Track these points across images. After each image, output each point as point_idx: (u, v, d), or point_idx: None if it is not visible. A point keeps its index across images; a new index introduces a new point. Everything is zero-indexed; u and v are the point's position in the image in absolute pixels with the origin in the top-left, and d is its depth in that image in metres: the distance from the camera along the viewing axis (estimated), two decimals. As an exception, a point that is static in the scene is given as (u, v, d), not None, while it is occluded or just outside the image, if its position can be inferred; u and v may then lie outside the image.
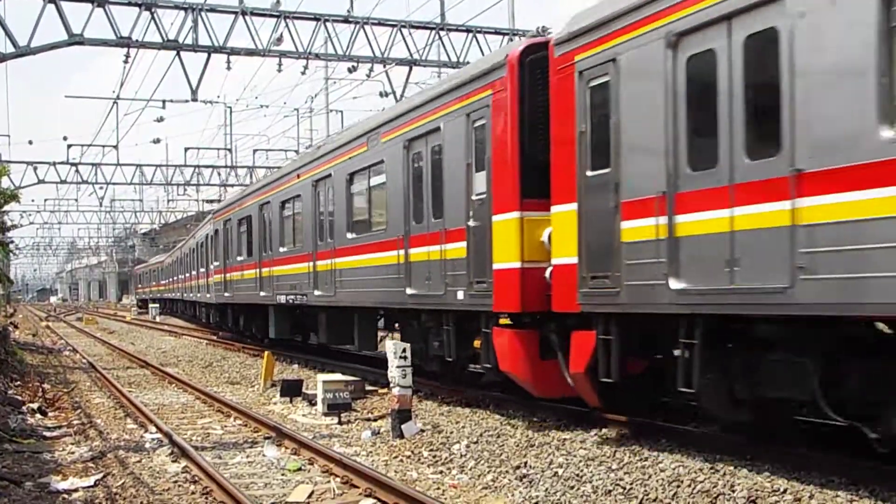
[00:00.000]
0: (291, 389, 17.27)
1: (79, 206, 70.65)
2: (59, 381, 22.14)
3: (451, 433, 12.21)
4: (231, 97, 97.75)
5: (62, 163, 45.80)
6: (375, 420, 14.32)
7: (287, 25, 24.60)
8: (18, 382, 20.56)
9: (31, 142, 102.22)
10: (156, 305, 63.71)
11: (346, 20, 25.36)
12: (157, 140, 48.62)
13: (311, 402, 16.29)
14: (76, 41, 22.16)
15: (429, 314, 15.27)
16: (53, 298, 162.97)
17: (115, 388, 19.65)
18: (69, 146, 45.24)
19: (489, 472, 10.25)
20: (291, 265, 22.06)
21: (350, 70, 26.83)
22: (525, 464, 10.25)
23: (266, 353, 20.35)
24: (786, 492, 8.17)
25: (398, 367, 12.73)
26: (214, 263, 32.81)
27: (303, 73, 27.12)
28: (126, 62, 24.33)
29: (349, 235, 18.25)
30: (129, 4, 22.87)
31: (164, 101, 36.66)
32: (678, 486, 8.72)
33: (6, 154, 47.58)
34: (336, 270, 18.81)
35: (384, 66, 26.75)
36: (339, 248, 18.69)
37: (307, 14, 25.04)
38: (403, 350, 12.85)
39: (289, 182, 22.84)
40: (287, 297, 22.41)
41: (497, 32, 26.88)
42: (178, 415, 16.15)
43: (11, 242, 41.35)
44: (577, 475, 9.55)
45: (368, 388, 17.22)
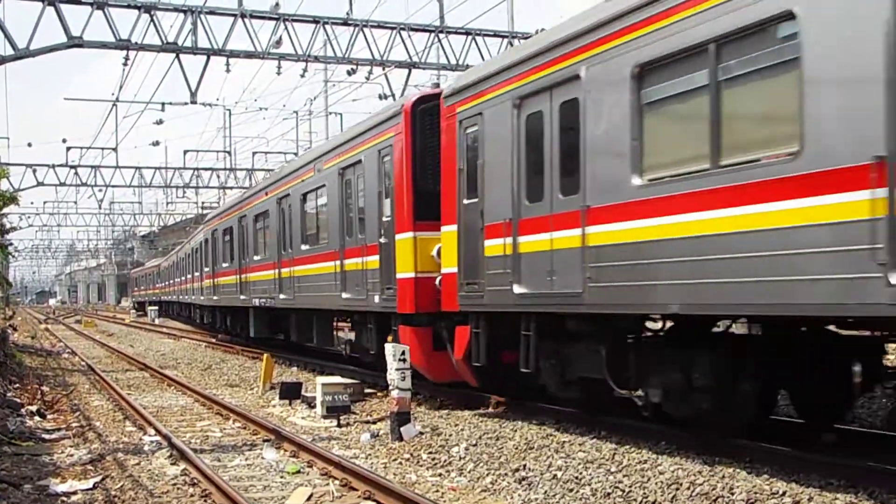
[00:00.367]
0: (290, 392, 17.27)
1: (78, 209, 70.65)
2: (58, 384, 22.14)
3: (450, 436, 12.21)
4: (230, 100, 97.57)
5: (61, 165, 45.84)
6: (374, 423, 14.32)
7: (286, 28, 24.61)
8: (17, 385, 20.56)
9: (31, 144, 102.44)
10: (154, 308, 63.72)
11: (346, 22, 25.36)
12: (157, 142, 48.97)
13: (311, 405, 16.29)
14: (75, 43, 22.16)
15: (358, 315, 18.24)
16: (52, 301, 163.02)
17: (114, 391, 19.65)
18: (68, 148, 45.31)
19: (488, 475, 10.25)
20: (263, 272, 24.83)
21: (349, 72, 26.84)
22: (524, 466, 10.25)
23: (265, 356, 20.36)
24: (785, 494, 8.18)
25: (397, 370, 12.74)
26: (205, 269, 35.37)
27: (302, 76, 27.23)
28: (125, 64, 24.33)
29: (303, 247, 21.02)
30: (129, 7, 22.89)
31: (164, 104, 36.71)
32: (677, 489, 8.72)
33: (5, 156, 47.56)
34: (294, 277, 21.64)
35: (383, 69, 26.76)
36: (296, 258, 21.49)
37: (306, 16, 25.04)
38: (402, 353, 12.86)
39: (259, 198, 25.88)
40: (260, 300, 25.30)
41: (496, 35, 26.83)
42: (177, 417, 16.15)
43: (10, 245, 41.41)
44: (577, 478, 9.56)
45: (367, 391, 17.23)
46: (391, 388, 12.85)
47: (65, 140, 45.52)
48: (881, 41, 7.21)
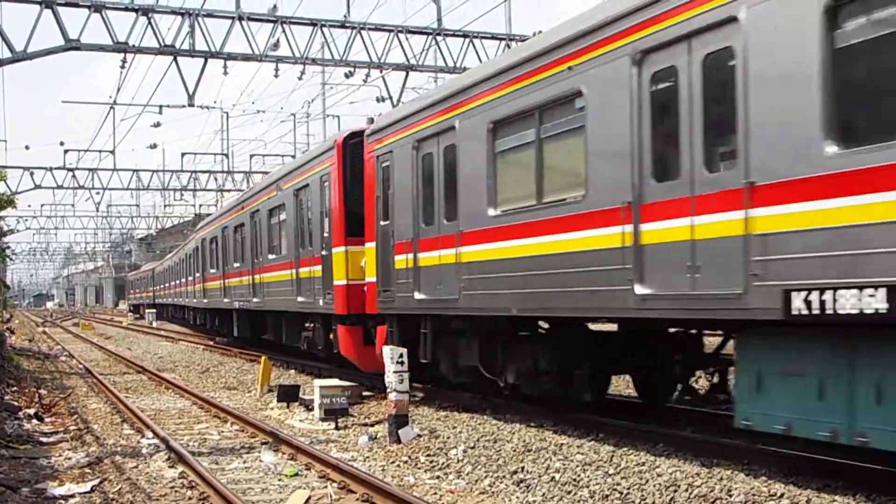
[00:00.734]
0: (288, 395, 17.26)
1: (75, 212, 70.76)
2: (56, 387, 22.11)
3: (449, 438, 12.21)
4: (228, 102, 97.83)
5: (59, 168, 45.82)
6: (372, 425, 14.32)
7: (284, 30, 24.60)
8: (15, 388, 20.53)
9: (28, 147, 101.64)
10: (152, 311, 63.71)
11: (343, 25, 25.35)
12: (154, 145, 48.75)
13: (308, 408, 16.29)
14: (73, 46, 22.16)
15: (309, 316, 20.91)
16: (50, 304, 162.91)
17: (112, 394, 19.63)
18: (66, 151, 45.31)
19: (486, 477, 10.25)
20: (241, 277, 27.62)
21: (347, 75, 26.82)
22: (522, 469, 10.25)
23: (263, 359, 20.36)
24: (783, 496, 8.18)
25: (395, 373, 12.74)
26: (197, 274, 38.27)
27: (299, 79, 27.24)
28: (123, 67, 24.32)
29: (270, 256, 24.00)
30: (126, 10, 22.88)
31: (161, 107, 36.85)
32: (675, 491, 8.72)
33: (2, 159, 47.84)
34: (263, 283, 24.69)
35: (381, 72, 26.79)
36: (265, 266, 24.55)
37: (304, 19, 25.04)
38: (400, 355, 12.86)
39: (237, 212, 28.91)
40: (240, 303, 28.09)
41: (494, 37, 26.84)
42: (175, 420, 16.14)
43: (8, 248, 41.38)
44: (575, 480, 9.56)
45: (365, 394, 17.22)
46: (389, 391, 12.84)
47: (62, 143, 45.55)
48: (630, 123, 9.81)
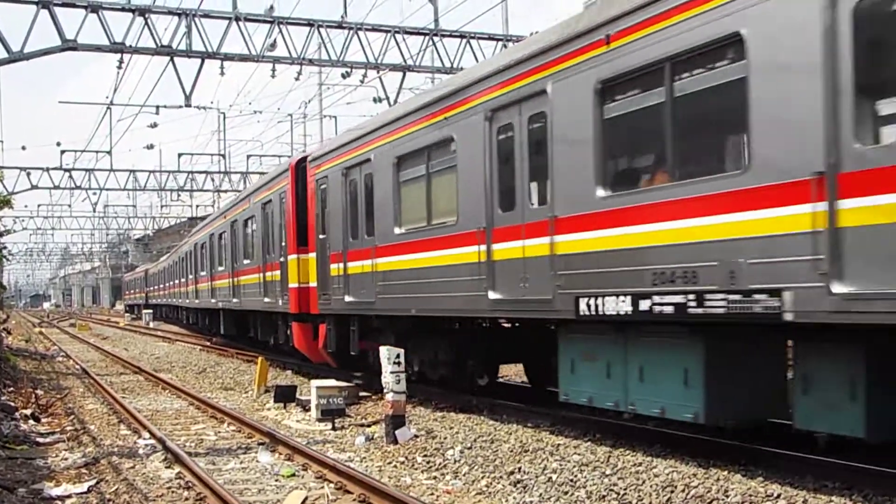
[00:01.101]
0: (285, 395, 17.26)
1: (72, 212, 70.66)
2: (53, 387, 22.09)
3: (446, 439, 12.21)
4: (225, 103, 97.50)
5: (55, 168, 45.77)
6: (369, 426, 14.32)
7: (281, 31, 24.61)
8: (11, 388, 20.51)
9: (25, 147, 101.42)
10: (149, 311, 63.70)
11: (340, 26, 25.36)
12: (151, 146, 48.63)
13: (305, 408, 16.28)
14: (69, 46, 22.14)
15: (273, 314, 23.89)
16: (47, 304, 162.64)
17: (109, 394, 19.61)
18: (62, 152, 45.27)
19: (483, 478, 10.25)
20: (224, 280, 30.32)
21: (344, 76, 26.80)
22: (519, 469, 10.25)
23: (260, 359, 20.35)
24: (780, 497, 8.19)
25: (392, 373, 12.73)
26: (190, 276, 40.92)
27: (296, 79, 27.21)
28: (120, 68, 24.31)
29: (245, 261, 26.95)
30: (123, 10, 22.87)
31: (158, 107, 36.85)
32: (672, 492, 8.73)
33: (-1, 160, 47.46)
34: (241, 285, 27.53)
35: (378, 72, 26.79)
36: (241, 270, 27.47)
37: (301, 20, 25.05)
38: (397, 356, 12.85)
39: (221, 219, 32.04)
40: (223, 304, 31.05)
41: (491, 38, 26.85)
42: (172, 420, 16.13)
43: (4, 248, 41.33)
44: (572, 480, 9.56)
45: (362, 394, 17.22)
46: (386, 392, 12.84)
47: (59, 143, 45.53)
48: (484, 165, 12.45)
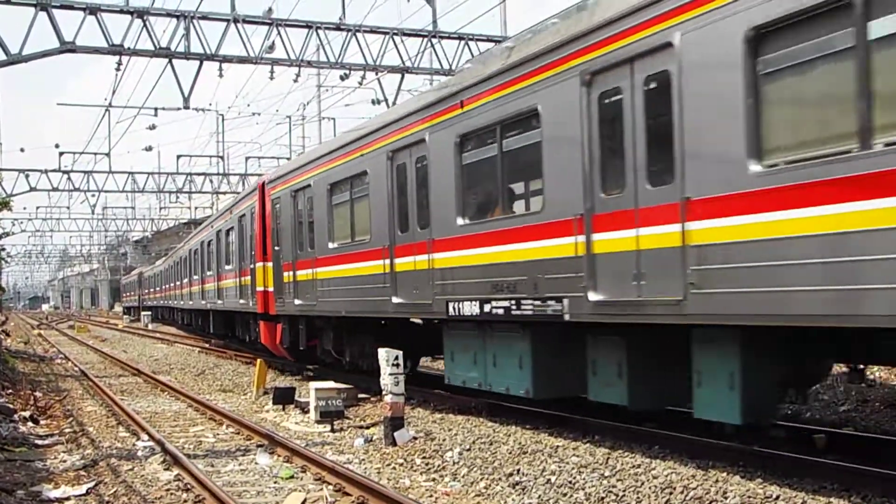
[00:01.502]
0: (284, 397, 17.26)
1: (71, 214, 70.33)
2: (51, 389, 22.08)
3: (444, 440, 12.21)
4: (223, 105, 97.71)
5: (54, 170, 45.64)
6: (368, 427, 14.31)
7: (279, 33, 24.57)
8: (10, 390, 20.50)
9: (23, 149, 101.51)
10: (147, 313, 63.69)
11: (338, 27, 25.33)
12: (149, 148, 48.65)
13: (304, 410, 16.28)
14: (68, 48, 22.11)
15: (247, 314, 26.83)
16: (45, 306, 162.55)
17: (108, 396, 19.61)
18: (61, 154, 45.14)
19: (482, 480, 10.25)
20: (212, 283, 33.20)
21: (342, 77, 26.76)
22: (518, 471, 10.26)
23: (258, 361, 20.36)
24: (778, 498, 8.19)
25: (391, 375, 12.74)
26: (184, 279, 43.77)
27: (295, 81, 27.14)
28: (118, 70, 24.28)
29: (227, 267, 29.60)
30: (121, 12, 22.82)
31: (157, 109, 36.77)
32: (671, 493, 8.73)
33: (-2, 162, 47.39)
34: (223, 288, 30.30)
35: (376, 74, 26.74)
36: (224, 274, 30.15)
37: (299, 21, 25.01)
38: (396, 358, 12.85)
39: (208, 229, 35.39)
40: (211, 304, 33.77)
41: (489, 39, 26.78)
42: (171, 423, 16.12)
43: (3, 250, 41.30)
44: (570, 482, 9.56)
45: (361, 396, 17.21)
46: (385, 393, 12.84)
47: (57, 145, 45.47)
48: (387, 194, 15.17)
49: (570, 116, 10.32)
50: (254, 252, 23.87)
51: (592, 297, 10.10)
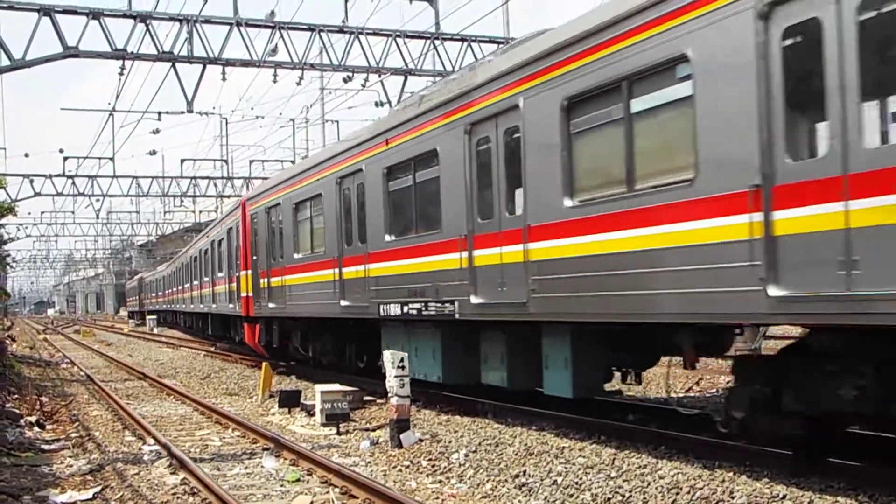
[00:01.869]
0: (290, 400, 17.26)
1: (75, 219, 70.74)
2: (57, 394, 22.11)
3: (450, 442, 12.21)
4: (227, 108, 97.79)
5: (58, 175, 45.85)
6: (374, 430, 14.31)
7: (282, 36, 24.63)
8: (16, 395, 20.54)
9: (28, 154, 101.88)
10: (153, 317, 63.78)
11: (341, 30, 25.37)
12: (153, 152, 48.62)
13: (310, 413, 16.28)
14: (71, 53, 22.18)
15: (232, 317, 30.22)
16: (51, 311, 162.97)
17: (114, 401, 19.63)
18: (65, 158, 45.32)
19: (488, 481, 10.24)
20: (207, 289, 36.17)
21: (345, 80, 26.84)
22: (524, 472, 10.25)
23: (264, 365, 20.37)
24: (785, 497, 8.18)
25: (396, 377, 12.73)
26: (185, 285, 46.11)
27: (298, 84, 27.25)
28: (121, 74, 24.34)
29: (219, 274, 32.36)
30: (124, 16, 22.90)
31: (160, 113, 36.82)
32: (677, 493, 8.72)
33: (2, 167, 47.70)
34: (217, 293, 33.16)
35: (379, 76, 26.78)
36: (216, 281, 33.06)
37: (302, 24, 25.06)
38: (401, 360, 12.86)
39: (204, 239, 38.43)
40: (207, 308, 36.73)
41: (492, 41, 26.82)
42: (177, 426, 16.13)
43: (8, 255, 41.35)
44: (577, 483, 9.55)
45: (367, 398, 17.20)
46: (390, 396, 12.84)
47: (62, 150, 45.54)
48: (337, 216, 17.85)
49: (458, 158, 13.06)
50: (238, 262, 26.56)
51: (474, 301, 12.80)
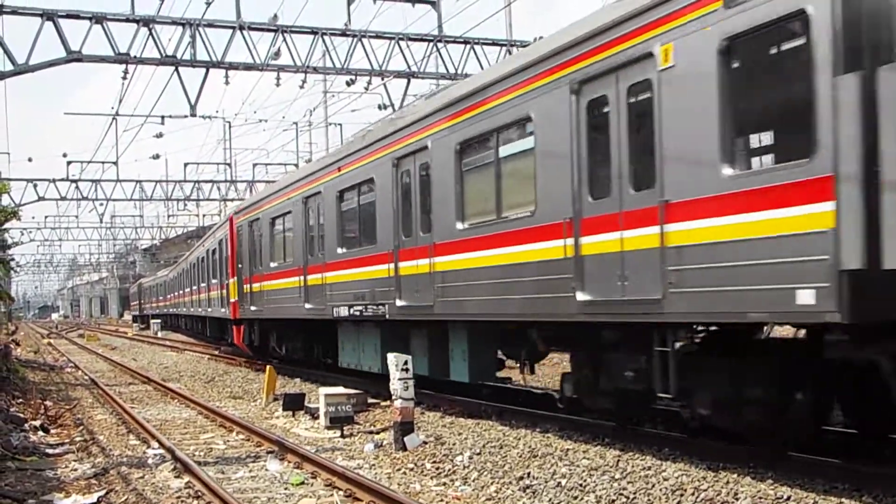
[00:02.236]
0: (294, 403, 17.27)
1: (79, 223, 70.70)
2: (62, 398, 22.12)
3: (454, 445, 12.20)
4: (230, 112, 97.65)
5: (62, 179, 45.87)
6: (378, 433, 14.31)
7: (285, 39, 24.65)
8: (21, 400, 20.55)
9: (31, 159, 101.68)
10: (157, 321, 63.82)
11: (344, 33, 25.39)
12: (157, 156, 48.88)
13: (314, 416, 16.28)
14: (74, 58, 22.23)
15: (221, 320, 33.34)
16: (55, 315, 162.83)
17: (118, 405, 19.63)
18: (69, 163, 45.34)
19: (492, 484, 10.23)
20: (203, 294, 38.89)
21: (348, 83, 26.80)
22: (528, 474, 10.24)
23: (268, 368, 20.36)
24: (789, 499, 8.17)
25: (400, 380, 12.73)
26: (186, 289, 47.97)
27: (301, 87, 27.23)
28: (124, 78, 24.39)
29: (213, 280, 34.77)
30: (127, 21, 22.94)
31: (163, 117, 36.84)
32: (681, 495, 8.71)
33: (6, 171, 47.69)
34: (210, 298, 35.83)
35: (382, 79, 26.80)
36: (210, 287, 35.72)
37: (305, 28, 25.08)
38: (405, 363, 12.86)
39: (200, 249, 40.85)
40: (204, 312, 39.34)
41: (494, 43, 26.85)
42: (181, 430, 16.14)
43: (12, 260, 41.42)
44: (581, 485, 9.55)
45: (371, 401, 17.20)
46: (394, 398, 12.84)
47: (65, 154, 45.63)
48: (303, 230, 20.69)
49: (388, 186, 15.81)
50: (228, 270, 29.26)
51: (399, 304, 15.39)
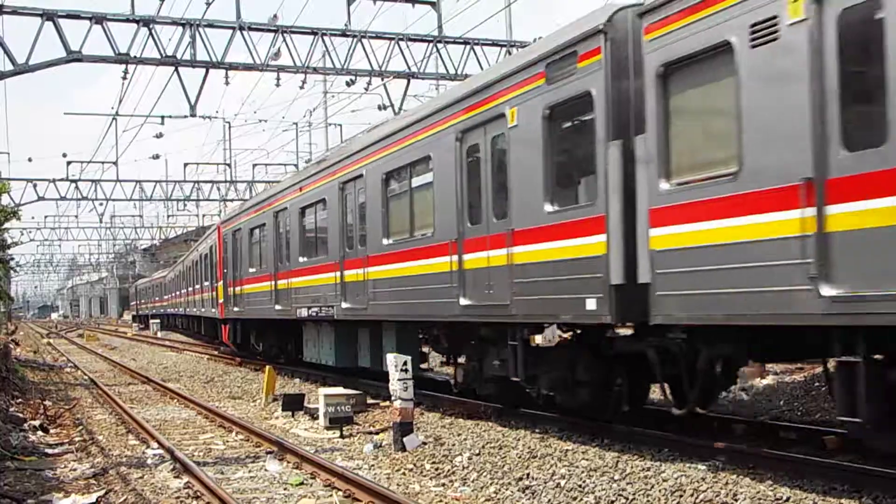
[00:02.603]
0: (293, 403, 17.26)
1: (79, 223, 70.70)
2: (61, 398, 22.13)
3: (454, 445, 12.20)
4: (230, 112, 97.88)
5: (62, 179, 45.85)
6: (377, 433, 14.30)
7: (285, 40, 24.64)
8: (20, 400, 20.56)
9: (31, 159, 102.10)
10: (157, 321, 63.81)
11: (344, 34, 25.37)
12: (157, 156, 48.93)
13: (313, 416, 16.28)
14: (74, 58, 22.22)
15: (212, 319, 35.26)
16: (54, 315, 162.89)
17: (117, 405, 19.64)
18: (68, 163, 45.32)
19: (492, 484, 10.23)
20: (198, 295, 40.29)
21: (348, 83, 26.80)
22: (527, 475, 10.24)
23: (267, 368, 20.36)
24: (789, 500, 8.17)
25: (399, 381, 12.73)
26: (183, 290, 49.40)
27: (301, 87, 27.24)
28: (124, 78, 24.38)
29: (205, 283, 36.55)
30: (127, 21, 22.93)
31: (163, 117, 36.86)
32: (681, 496, 8.71)
33: (6, 171, 47.74)
34: (203, 299, 37.84)
35: (382, 80, 26.78)
36: (203, 289, 37.72)
37: (305, 28, 25.06)
38: (405, 363, 12.85)
39: (195, 253, 42.40)
40: (196, 311, 41.55)
41: (494, 44, 26.82)
42: (180, 430, 16.14)
43: (12, 259, 41.41)
44: (580, 486, 9.54)
45: (370, 402, 17.20)
46: (394, 399, 12.84)
47: (65, 154, 45.61)
48: (272, 243, 23.73)
49: (336, 205, 18.49)
50: (216, 274, 31.75)
51: (344, 306, 17.86)
